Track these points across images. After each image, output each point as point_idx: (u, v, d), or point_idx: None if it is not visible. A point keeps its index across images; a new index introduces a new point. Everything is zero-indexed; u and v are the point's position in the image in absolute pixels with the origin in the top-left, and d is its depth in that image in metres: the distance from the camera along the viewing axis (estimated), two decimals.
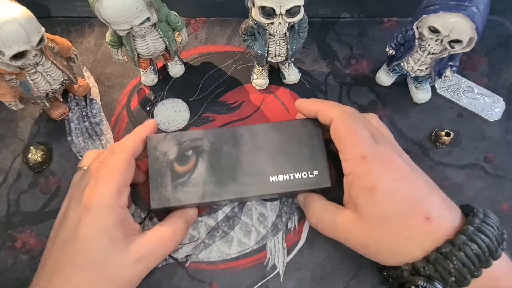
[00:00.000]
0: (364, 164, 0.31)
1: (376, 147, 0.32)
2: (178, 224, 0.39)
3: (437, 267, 0.29)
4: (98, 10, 0.40)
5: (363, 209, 0.31)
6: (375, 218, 0.31)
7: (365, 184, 0.31)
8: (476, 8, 0.38)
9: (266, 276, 0.46)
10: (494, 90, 0.55)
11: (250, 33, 0.47)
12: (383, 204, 0.30)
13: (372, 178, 0.30)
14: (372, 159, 0.31)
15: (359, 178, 0.31)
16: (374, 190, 0.30)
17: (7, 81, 0.45)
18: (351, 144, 0.32)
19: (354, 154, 0.32)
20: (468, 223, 0.30)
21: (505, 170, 0.51)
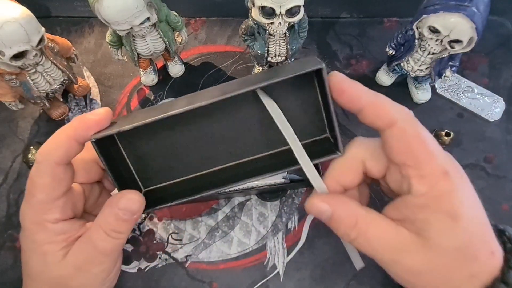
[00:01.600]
0: (447, 182, 0.25)
1: (454, 160, 0.27)
2: (108, 223, 0.30)
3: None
4: (98, 10, 0.40)
5: (434, 236, 0.25)
6: (448, 248, 0.25)
7: (447, 209, 0.25)
8: (476, 8, 0.38)
9: (266, 276, 0.46)
10: (494, 90, 0.55)
11: (250, 33, 0.47)
12: (464, 234, 0.25)
13: (457, 203, 0.25)
14: (454, 175, 0.25)
15: (440, 201, 0.25)
16: (458, 218, 0.25)
17: (7, 81, 0.45)
18: (429, 157, 0.25)
19: (433, 169, 0.25)
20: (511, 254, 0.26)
21: (505, 170, 0.51)
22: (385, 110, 0.27)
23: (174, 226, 0.49)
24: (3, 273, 0.47)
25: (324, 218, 0.28)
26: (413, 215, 0.26)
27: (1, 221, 0.50)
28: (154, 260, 0.48)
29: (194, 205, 0.50)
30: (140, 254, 0.48)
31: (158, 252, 0.48)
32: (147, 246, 0.48)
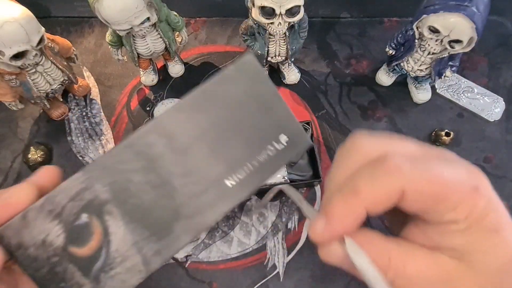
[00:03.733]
0: (482, 198, 0.22)
1: (475, 168, 0.23)
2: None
3: None
4: (98, 10, 0.40)
5: (479, 257, 0.22)
6: (495, 264, 0.23)
7: (488, 224, 0.22)
8: (476, 8, 0.38)
9: (266, 276, 0.46)
10: (494, 90, 0.55)
11: (250, 33, 0.47)
12: (509, 246, 0.23)
13: (494, 214, 0.22)
14: (484, 188, 0.23)
15: (480, 219, 0.22)
16: (500, 230, 0.22)
17: (7, 81, 0.44)
18: (453, 187, 0.22)
19: (464, 192, 0.22)
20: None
21: (505, 170, 0.51)
22: (385, 197, 0.22)
23: None
24: None
25: (347, 265, 0.22)
26: (451, 241, 0.23)
27: None
28: None
29: None
30: None
31: None
32: None
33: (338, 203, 0.21)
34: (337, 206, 0.21)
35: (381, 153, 0.22)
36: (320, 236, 0.22)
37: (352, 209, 0.21)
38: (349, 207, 0.21)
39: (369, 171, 0.22)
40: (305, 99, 0.56)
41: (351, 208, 0.21)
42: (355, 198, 0.21)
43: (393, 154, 0.22)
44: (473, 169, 0.23)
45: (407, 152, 0.22)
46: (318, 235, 0.22)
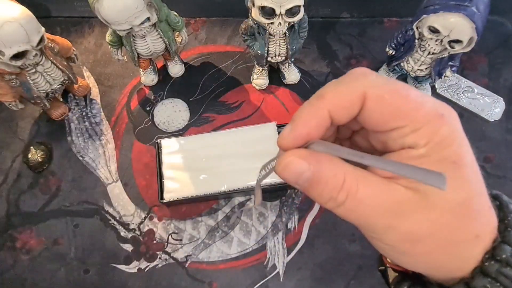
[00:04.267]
0: (446, 125, 0.21)
1: (444, 103, 0.22)
2: None
3: (500, 279, 0.21)
4: (98, 10, 0.40)
5: (436, 190, 0.20)
6: (451, 202, 0.21)
7: (449, 154, 0.21)
8: (476, 8, 0.38)
9: (266, 276, 0.46)
10: (494, 90, 0.55)
11: (250, 33, 0.47)
12: (469, 183, 0.22)
13: (456, 146, 0.21)
14: (449, 116, 0.21)
15: (441, 147, 0.21)
16: (461, 163, 0.21)
17: (7, 81, 0.45)
18: (417, 106, 0.21)
19: (428, 115, 0.21)
20: (508, 212, 0.23)
21: (505, 170, 0.51)
22: (347, 99, 0.21)
23: (174, 226, 0.49)
24: (3, 273, 0.47)
25: (302, 181, 0.21)
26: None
27: (1, 221, 0.50)
28: (154, 260, 0.48)
29: (194, 205, 0.50)
30: (140, 254, 0.48)
31: (158, 252, 0.48)
32: (147, 246, 0.48)
33: (304, 108, 0.21)
34: (303, 110, 0.21)
35: None
36: (285, 139, 0.21)
37: (316, 112, 0.21)
38: (313, 110, 0.21)
39: (336, 80, 0.22)
40: (305, 99, 0.55)
41: (315, 111, 0.21)
42: (319, 101, 0.21)
43: (363, 68, 0.22)
44: (441, 102, 0.22)
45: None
46: (284, 139, 0.21)
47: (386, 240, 0.23)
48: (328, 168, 0.21)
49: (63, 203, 0.50)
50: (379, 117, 0.21)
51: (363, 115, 0.21)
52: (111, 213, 0.50)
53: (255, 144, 0.48)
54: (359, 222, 0.22)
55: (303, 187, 0.22)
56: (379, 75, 0.21)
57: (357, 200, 0.21)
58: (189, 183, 0.46)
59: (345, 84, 0.21)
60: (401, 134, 0.21)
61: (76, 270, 0.47)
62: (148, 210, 0.50)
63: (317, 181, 0.21)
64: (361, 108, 0.21)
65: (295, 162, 0.21)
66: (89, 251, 0.48)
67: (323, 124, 0.21)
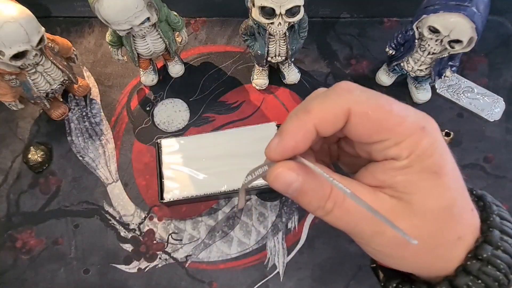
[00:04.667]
0: (427, 137, 0.22)
1: (427, 115, 0.24)
2: None
3: (482, 277, 0.23)
4: (98, 10, 0.40)
5: (419, 198, 0.23)
6: (433, 209, 0.23)
7: (430, 165, 0.22)
8: (476, 8, 0.38)
9: (266, 276, 0.46)
10: (494, 90, 0.55)
11: (250, 33, 0.47)
12: (449, 191, 0.23)
13: (437, 157, 0.22)
14: (431, 128, 0.23)
15: (422, 158, 0.22)
16: (442, 172, 0.22)
17: (7, 81, 0.45)
18: (399, 120, 0.22)
19: (409, 128, 0.22)
20: (490, 212, 0.25)
21: (505, 170, 0.51)
22: (332, 115, 0.23)
23: (174, 226, 0.49)
24: (3, 273, 0.47)
25: (292, 191, 0.23)
26: (392, 179, 0.23)
27: (1, 221, 0.50)
28: (154, 260, 0.48)
29: (194, 205, 0.50)
30: (140, 254, 0.48)
31: (158, 252, 0.48)
32: (147, 246, 0.48)
33: (291, 121, 0.22)
34: (290, 123, 0.22)
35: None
36: (273, 151, 0.22)
37: (303, 126, 0.22)
38: (300, 123, 0.22)
39: (321, 94, 0.23)
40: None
41: (302, 125, 0.22)
42: (306, 116, 0.22)
43: (347, 82, 0.23)
44: (423, 113, 0.23)
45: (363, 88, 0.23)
46: (272, 151, 0.22)
47: (373, 245, 0.24)
48: (315, 179, 0.23)
49: (63, 203, 0.51)
50: (363, 131, 0.22)
51: (348, 129, 0.23)
52: (111, 213, 0.50)
53: (255, 144, 0.48)
54: (347, 229, 0.24)
55: (293, 196, 0.23)
56: (363, 89, 0.22)
57: (344, 208, 0.23)
58: (189, 183, 0.46)
59: (330, 100, 0.22)
60: (385, 146, 0.23)
61: (76, 270, 0.47)
62: (148, 210, 0.50)
63: (305, 191, 0.23)
64: (346, 122, 0.22)
65: (285, 173, 0.22)
66: (89, 251, 0.48)
67: (309, 137, 0.22)
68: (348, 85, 0.23)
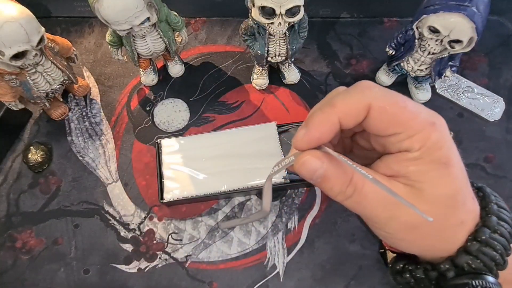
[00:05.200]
0: (437, 132, 0.25)
1: (436, 113, 0.26)
2: None
3: (481, 257, 0.25)
4: (98, 10, 0.40)
5: (429, 186, 0.25)
6: (441, 196, 0.26)
7: (439, 156, 0.25)
8: (476, 8, 0.38)
9: (266, 276, 0.46)
10: (494, 90, 0.55)
11: (250, 33, 0.47)
12: (456, 180, 0.26)
13: (446, 150, 0.25)
14: (440, 124, 0.25)
15: (432, 151, 0.25)
16: (449, 164, 0.25)
17: (7, 81, 0.45)
18: (413, 116, 0.25)
19: (421, 124, 0.25)
20: (489, 201, 0.28)
21: (505, 170, 0.51)
22: (355, 109, 0.25)
23: (174, 226, 0.49)
24: (3, 273, 0.47)
25: (316, 177, 0.25)
26: (405, 169, 0.26)
27: (1, 221, 0.50)
28: (154, 260, 0.48)
29: (194, 205, 0.50)
30: (140, 254, 0.48)
31: (158, 252, 0.48)
32: (147, 246, 0.48)
33: (317, 114, 0.25)
34: (316, 116, 0.25)
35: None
36: (300, 141, 0.25)
37: (328, 118, 0.25)
38: (326, 116, 0.25)
39: (345, 91, 0.26)
40: (305, 99, 0.56)
41: (327, 118, 0.25)
42: (331, 110, 0.25)
43: (368, 81, 0.26)
44: (433, 111, 0.26)
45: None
46: (299, 141, 0.25)
47: (387, 229, 0.27)
48: (338, 166, 0.25)
49: (63, 203, 0.50)
50: (380, 124, 0.25)
51: (367, 122, 0.25)
52: (111, 213, 0.50)
53: (255, 144, 0.48)
54: (364, 213, 0.27)
55: (317, 182, 0.26)
56: (382, 88, 0.25)
57: (363, 194, 0.26)
58: (189, 183, 0.46)
59: (353, 95, 0.25)
60: (399, 139, 0.25)
61: (76, 270, 0.47)
62: (148, 210, 0.50)
63: (329, 177, 0.25)
64: (365, 116, 0.25)
65: (311, 160, 0.25)
66: (89, 251, 0.48)
67: (334, 129, 0.25)
68: (368, 83, 0.26)
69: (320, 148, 0.25)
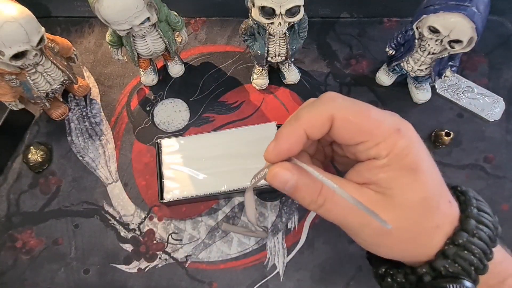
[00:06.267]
0: (403, 138, 0.25)
1: (402, 118, 0.27)
2: None
3: (458, 261, 0.25)
4: (98, 10, 0.40)
5: (399, 192, 0.26)
6: (412, 202, 0.26)
7: (407, 163, 0.25)
8: (476, 8, 0.38)
9: (266, 276, 0.46)
10: (494, 90, 0.55)
11: (250, 33, 0.47)
12: (426, 185, 0.26)
13: (413, 156, 0.26)
14: (406, 131, 0.26)
15: (399, 157, 0.25)
16: (417, 170, 0.25)
17: (7, 81, 0.45)
18: (376, 124, 0.25)
19: (386, 131, 0.25)
20: (469, 204, 0.27)
21: (505, 170, 0.51)
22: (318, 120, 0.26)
23: (174, 226, 0.49)
24: (3, 273, 0.47)
25: (288, 188, 0.26)
26: (375, 176, 0.26)
27: (1, 221, 0.50)
28: (154, 260, 0.48)
29: (194, 205, 0.50)
30: (140, 254, 0.48)
31: (158, 252, 0.48)
32: (147, 246, 0.48)
33: (285, 127, 0.26)
34: (284, 129, 0.26)
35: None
36: (271, 153, 0.26)
37: (294, 131, 0.26)
38: (292, 129, 0.26)
39: (310, 103, 0.27)
40: (305, 99, 0.55)
41: (293, 130, 0.26)
42: (297, 122, 0.26)
43: (332, 92, 0.27)
44: (399, 117, 0.27)
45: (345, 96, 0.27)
46: (269, 153, 0.26)
47: (362, 236, 0.28)
48: (308, 177, 0.26)
49: (63, 203, 0.51)
50: (345, 134, 0.26)
51: (333, 132, 0.26)
52: (111, 213, 0.50)
53: (255, 144, 0.48)
54: (338, 221, 0.27)
55: (289, 193, 0.26)
56: (346, 98, 0.26)
57: (334, 202, 0.27)
58: (189, 183, 0.46)
59: (316, 108, 0.26)
60: (366, 147, 0.26)
61: (76, 270, 0.47)
62: (148, 210, 0.50)
63: (299, 188, 0.26)
64: (330, 127, 0.26)
65: (282, 172, 0.26)
66: (89, 251, 0.48)
67: (301, 140, 0.26)
68: (332, 94, 0.26)
69: (290, 160, 0.26)
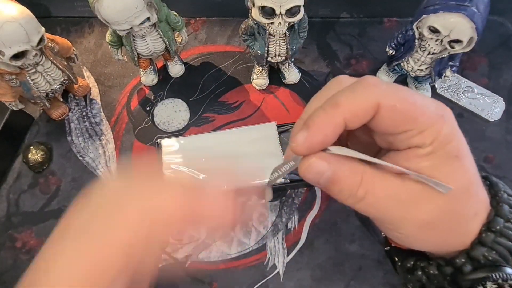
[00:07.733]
0: (446, 124, 0.24)
1: (443, 104, 0.25)
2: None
3: (496, 248, 0.25)
4: (98, 10, 0.40)
5: (443, 181, 0.24)
6: (458, 189, 0.24)
7: (451, 149, 0.24)
8: (476, 8, 0.38)
9: (266, 276, 0.46)
10: (494, 90, 0.55)
11: (250, 33, 0.47)
12: (468, 172, 0.25)
13: (456, 142, 0.24)
14: (449, 117, 0.25)
15: (444, 144, 0.24)
16: (461, 156, 0.24)
17: (7, 81, 0.45)
18: (422, 111, 0.24)
19: (431, 118, 0.24)
20: (498, 190, 0.27)
21: (505, 170, 0.51)
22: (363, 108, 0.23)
23: None
24: (3, 273, 0.47)
25: (323, 180, 0.23)
26: (416, 165, 0.24)
27: (1, 221, 0.50)
28: None
29: None
30: None
31: None
32: None
33: (319, 115, 0.22)
34: (318, 117, 0.22)
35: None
36: (301, 145, 0.22)
37: (332, 120, 0.22)
38: (329, 117, 0.22)
39: (349, 88, 0.23)
40: (305, 99, 0.56)
41: (331, 119, 0.22)
42: (335, 110, 0.22)
43: (373, 77, 0.24)
44: (440, 102, 0.25)
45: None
46: (299, 146, 0.22)
47: (402, 230, 0.25)
48: (347, 168, 0.23)
49: (63, 203, 0.50)
50: (390, 123, 0.23)
51: (376, 121, 0.23)
52: None
53: (255, 144, 0.48)
54: (378, 216, 0.25)
55: (324, 186, 0.24)
56: (388, 83, 0.24)
57: (375, 195, 0.24)
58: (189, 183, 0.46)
59: (360, 94, 0.23)
60: (409, 136, 0.24)
61: None
62: None
63: (337, 180, 0.23)
64: (373, 115, 0.23)
65: (317, 163, 0.23)
66: None
67: (338, 131, 0.23)
68: (374, 79, 0.24)
69: (325, 151, 0.23)
